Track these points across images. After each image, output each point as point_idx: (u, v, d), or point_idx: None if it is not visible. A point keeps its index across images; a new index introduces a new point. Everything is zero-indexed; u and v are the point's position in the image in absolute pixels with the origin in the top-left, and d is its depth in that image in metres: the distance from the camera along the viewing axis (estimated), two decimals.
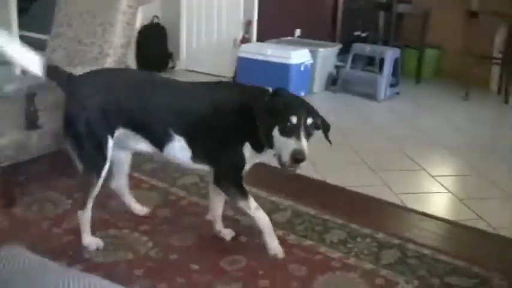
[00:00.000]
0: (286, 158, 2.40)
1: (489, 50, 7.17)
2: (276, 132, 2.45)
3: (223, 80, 4.66)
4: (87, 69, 3.28)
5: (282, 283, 2.54)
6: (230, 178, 2.68)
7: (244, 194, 2.67)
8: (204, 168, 2.78)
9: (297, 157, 2.36)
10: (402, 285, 2.60)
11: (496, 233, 3.23)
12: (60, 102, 3.16)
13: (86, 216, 2.75)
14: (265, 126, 2.47)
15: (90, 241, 2.76)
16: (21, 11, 6.38)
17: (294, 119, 2.40)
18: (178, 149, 2.66)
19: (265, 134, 2.48)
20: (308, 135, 2.44)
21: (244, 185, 2.70)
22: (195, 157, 2.69)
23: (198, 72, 7.02)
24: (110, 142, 2.63)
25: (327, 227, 3.09)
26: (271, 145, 2.51)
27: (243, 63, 6.03)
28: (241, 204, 2.68)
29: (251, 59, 5.93)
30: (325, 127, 2.61)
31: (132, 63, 7.02)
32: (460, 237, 3.22)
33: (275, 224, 2.86)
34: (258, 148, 2.63)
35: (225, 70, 6.72)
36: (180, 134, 2.63)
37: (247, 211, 2.69)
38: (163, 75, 6.84)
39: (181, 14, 7.09)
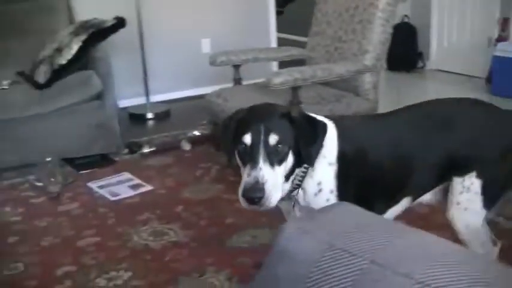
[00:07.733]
0: (239, 194, 1.68)
1: None
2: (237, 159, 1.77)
3: None
4: (348, 65, 3.40)
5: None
6: None
7: None
8: None
9: (248, 195, 1.63)
10: None
11: None
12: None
13: None
14: (227, 152, 1.84)
15: None
16: (277, 14, 6.76)
17: (247, 139, 1.70)
18: None
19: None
20: (277, 159, 1.69)
21: None
22: None
23: (448, 72, 6.82)
24: None
25: None
26: None
27: (499, 62, 5.69)
28: None
29: (510, 58, 5.57)
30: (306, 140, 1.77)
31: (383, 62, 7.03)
32: None
33: None
34: None
35: (477, 70, 6.44)
36: None
37: None
38: (412, 75, 6.78)
39: (432, 13, 6.93)
